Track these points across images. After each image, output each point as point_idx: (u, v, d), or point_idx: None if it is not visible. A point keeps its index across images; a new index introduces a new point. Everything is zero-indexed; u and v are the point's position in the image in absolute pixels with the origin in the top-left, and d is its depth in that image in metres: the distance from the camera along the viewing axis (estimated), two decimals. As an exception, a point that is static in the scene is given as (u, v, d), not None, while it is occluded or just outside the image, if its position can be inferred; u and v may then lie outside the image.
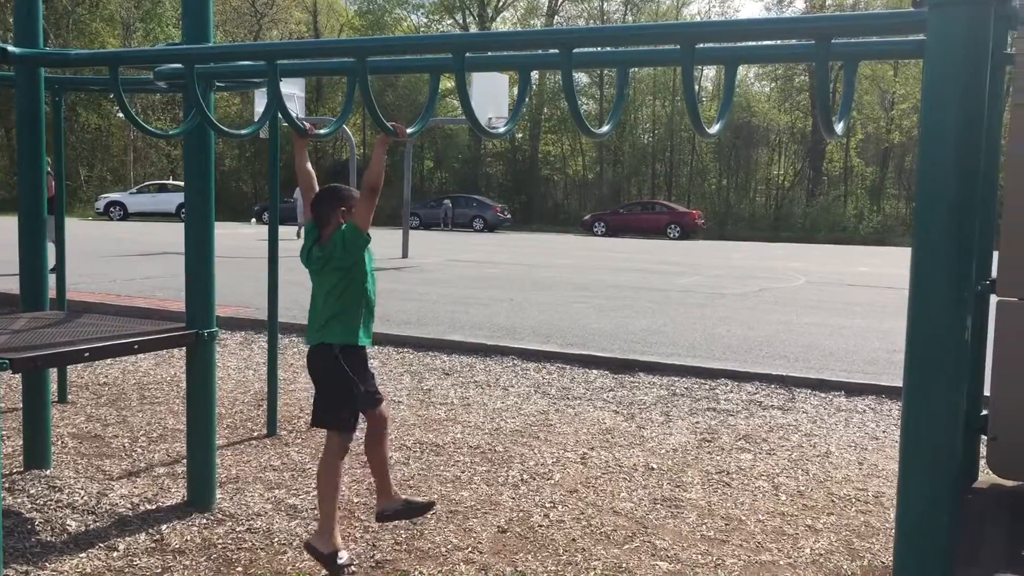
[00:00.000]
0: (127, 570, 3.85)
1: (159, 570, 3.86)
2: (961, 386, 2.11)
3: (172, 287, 13.05)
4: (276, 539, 4.22)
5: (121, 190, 44.46)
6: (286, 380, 7.59)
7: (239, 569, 3.90)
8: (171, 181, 43.12)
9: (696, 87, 47.32)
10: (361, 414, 3.93)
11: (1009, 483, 2.76)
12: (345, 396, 3.80)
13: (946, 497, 2.06)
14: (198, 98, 3.63)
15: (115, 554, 4.00)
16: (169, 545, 4.12)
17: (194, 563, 3.95)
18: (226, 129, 4.09)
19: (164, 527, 4.32)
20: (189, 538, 4.21)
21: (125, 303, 11.54)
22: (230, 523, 4.40)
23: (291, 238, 27.38)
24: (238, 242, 24.42)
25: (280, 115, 3.74)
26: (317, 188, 3.88)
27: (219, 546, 4.13)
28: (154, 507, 4.58)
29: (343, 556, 3.78)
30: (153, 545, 4.12)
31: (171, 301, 11.53)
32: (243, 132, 4.38)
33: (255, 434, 6.04)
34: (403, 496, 4.19)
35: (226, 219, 38.52)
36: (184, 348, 4.65)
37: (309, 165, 4.02)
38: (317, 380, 3.91)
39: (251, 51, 3.63)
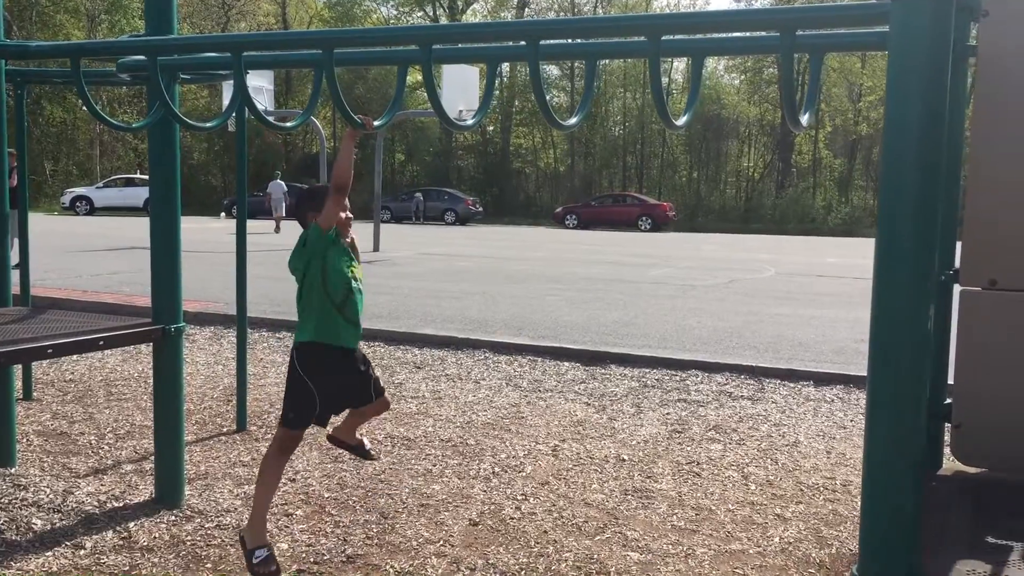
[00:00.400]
0: (94, 568, 3.81)
1: (127, 568, 3.82)
2: (924, 375, 2.13)
3: (139, 282, 12.91)
4: (246, 535, 4.19)
5: (87, 184, 43.93)
6: (256, 375, 7.54)
7: (208, 566, 3.87)
8: (138, 175, 42.64)
9: (666, 79, 47.22)
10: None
11: (972, 470, 2.80)
12: (291, 395, 3.70)
13: (910, 484, 2.09)
14: (161, 91, 3.58)
15: (82, 552, 3.96)
16: (137, 543, 4.08)
17: (162, 560, 3.91)
18: (191, 122, 4.04)
19: (132, 524, 4.27)
20: (157, 535, 4.18)
21: (91, 299, 11.40)
22: (199, 520, 4.37)
23: (263, 232, 27.22)
24: (207, 236, 24.19)
25: (248, 109, 3.70)
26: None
27: (188, 543, 4.10)
28: (121, 504, 4.53)
29: (259, 555, 3.59)
30: (121, 543, 4.07)
31: (138, 296, 11.40)
32: (208, 125, 4.34)
33: (224, 430, 6.00)
34: (361, 439, 4.14)
35: (195, 213, 38.20)
36: (151, 344, 4.60)
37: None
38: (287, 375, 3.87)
39: (216, 43, 3.59)
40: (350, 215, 3.71)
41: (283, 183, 32.11)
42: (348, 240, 3.73)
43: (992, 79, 2.41)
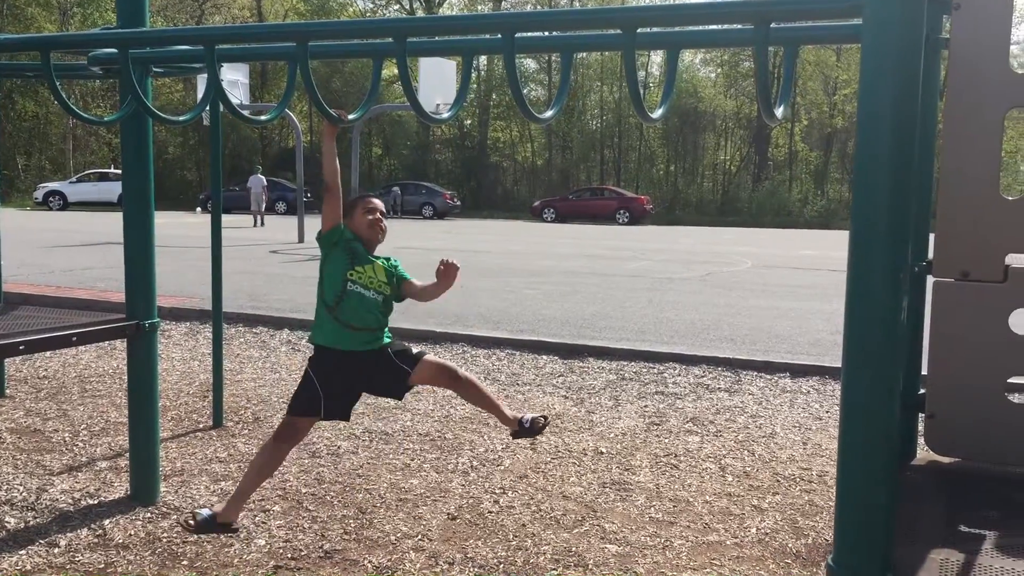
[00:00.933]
0: (69, 566, 3.78)
1: (102, 565, 3.79)
2: (898, 365, 2.15)
3: (113, 278, 12.78)
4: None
5: (60, 179, 43.39)
6: (232, 371, 7.49)
7: (184, 563, 3.85)
8: (112, 170, 42.19)
9: (643, 73, 47.27)
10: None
11: (946, 460, 2.82)
12: (299, 384, 3.72)
13: (884, 474, 2.10)
14: (133, 84, 3.54)
15: (56, 550, 3.92)
16: (112, 540, 4.05)
17: (138, 558, 3.88)
18: (163, 115, 4.00)
19: (107, 522, 4.24)
20: (133, 532, 4.14)
21: (64, 294, 11.29)
22: (175, 516, 4.34)
23: (241, 226, 27.04)
24: (183, 231, 23.99)
25: (222, 102, 3.66)
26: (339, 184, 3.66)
27: (164, 540, 4.07)
28: (96, 502, 4.49)
29: (202, 513, 3.63)
30: (96, 540, 4.04)
31: (112, 292, 11.29)
32: (181, 119, 4.30)
33: (201, 426, 5.96)
34: (520, 416, 3.84)
35: (170, 208, 37.89)
36: (126, 340, 4.56)
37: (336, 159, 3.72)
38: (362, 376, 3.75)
39: (188, 35, 3.55)
40: (375, 217, 3.66)
41: (263, 177, 31.97)
42: (378, 242, 3.72)
43: (963, 72, 2.43)
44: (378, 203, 3.73)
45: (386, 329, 3.70)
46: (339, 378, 3.63)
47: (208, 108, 5.57)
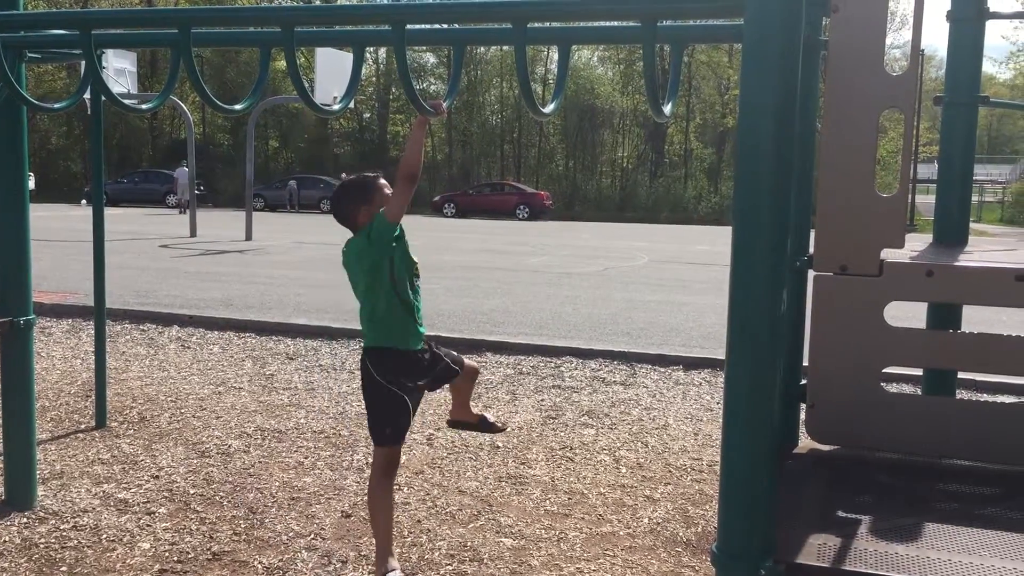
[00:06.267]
0: (-65, 578, 3.58)
1: (-28, 576, 3.60)
2: (779, 357, 2.20)
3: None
4: (104, 535, 4.01)
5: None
6: (117, 369, 7.22)
7: (63, 569, 3.69)
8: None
9: (543, 68, 47.34)
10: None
11: (826, 447, 2.92)
12: (377, 408, 3.45)
13: (765, 462, 2.16)
14: (5, 70, 3.37)
15: (-79, 561, 3.71)
16: (-16, 548, 3.85)
17: (13, 565, 3.70)
18: (38, 103, 3.82)
19: (-22, 529, 4.03)
20: (8, 539, 3.95)
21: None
22: (53, 521, 4.15)
23: (133, 219, 26.11)
24: (67, 224, 23.04)
25: (100, 90, 3.51)
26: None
27: (41, 546, 3.89)
28: (-33, 508, 4.27)
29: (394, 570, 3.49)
30: (-35, 549, 3.84)
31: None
32: (57, 106, 4.11)
33: (83, 427, 5.72)
34: (480, 414, 3.94)
35: (55, 200, 36.35)
36: (-2, 338, 4.34)
37: None
38: (362, 390, 3.60)
39: (63, 19, 3.39)
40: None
41: (186, 169, 31.28)
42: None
43: (841, 73, 2.51)
44: (385, 182, 3.48)
45: None
46: (408, 378, 3.43)
47: (89, 96, 5.35)
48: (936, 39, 76.34)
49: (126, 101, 4.08)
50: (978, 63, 3.45)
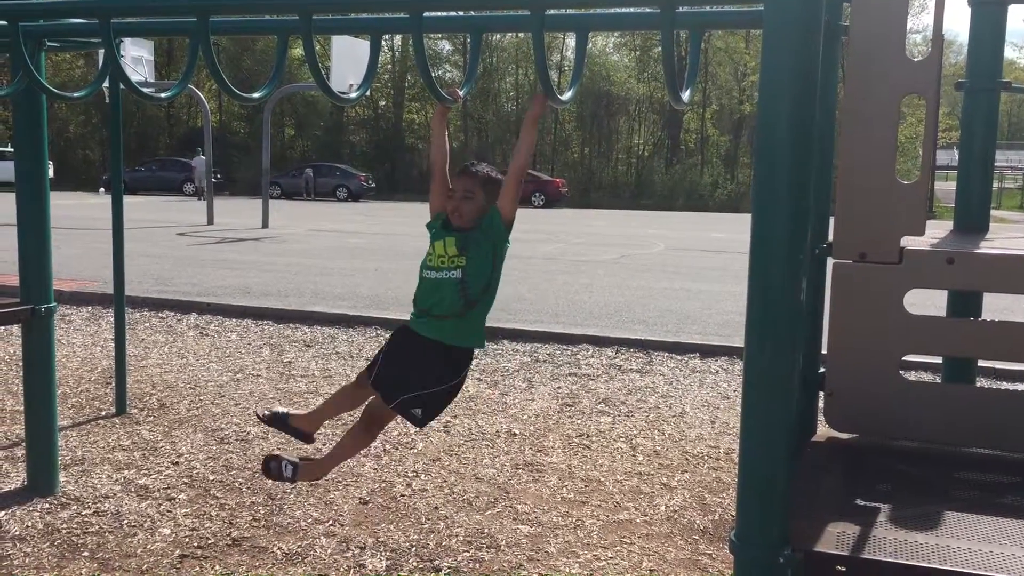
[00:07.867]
0: (-40, 562, 3.63)
1: (-4, 560, 3.65)
2: (797, 345, 2.20)
3: (8, 260, 12.27)
4: (125, 521, 4.05)
5: (-47, 158, 41.42)
6: (136, 356, 7.28)
7: (85, 554, 3.73)
8: (10, 149, 40.45)
9: (559, 56, 47.17)
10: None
11: (844, 436, 2.91)
12: (427, 389, 3.25)
13: (784, 452, 2.15)
14: (25, 59, 3.38)
15: (-54, 546, 3.76)
16: (8, 532, 3.90)
17: (36, 550, 3.75)
18: (57, 91, 3.84)
19: (2, 513, 4.08)
20: (30, 524, 4.00)
21: (-42, 279, 10.78)
22: (75, 507, 4.20)
23: (155, 207, 26.23)
24: (87, 212, 23.18)
25: (119, 78, 3.52)
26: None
27: (63, 531, 3.94)
28: (-10, 494, 4.32)
29: (266, 412, 3.46)
30: (-11, 534, 3.89)
31: (7, 276, 10.82)
32: (76, 95, 4.13)
33: (103, 413, 5.77)
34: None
35: (73, 188, 36.57)
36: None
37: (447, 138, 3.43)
38: (415, 363, 3.30)
39: (83, 8, 3.40)
40: (452, 199, 3.39)
41: (204, 158, 31.45)
42: (460, 222, 3.37)
43: (861, 58, 2.49)
44: (467, 178, 3.38)
45: (472, 328, 3.34)
46: (402, 352, 3.28)
47: (108, 85, 5.37)
48: (954, 23, 75.53)
49: (144, 89, 4.08)
50: (1000, 48, 3.41)
